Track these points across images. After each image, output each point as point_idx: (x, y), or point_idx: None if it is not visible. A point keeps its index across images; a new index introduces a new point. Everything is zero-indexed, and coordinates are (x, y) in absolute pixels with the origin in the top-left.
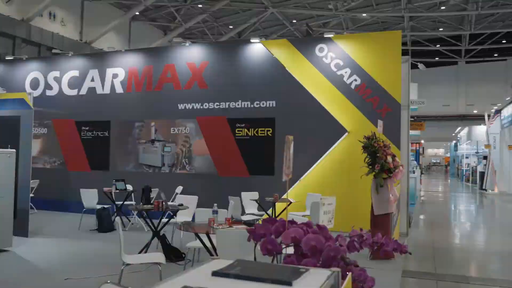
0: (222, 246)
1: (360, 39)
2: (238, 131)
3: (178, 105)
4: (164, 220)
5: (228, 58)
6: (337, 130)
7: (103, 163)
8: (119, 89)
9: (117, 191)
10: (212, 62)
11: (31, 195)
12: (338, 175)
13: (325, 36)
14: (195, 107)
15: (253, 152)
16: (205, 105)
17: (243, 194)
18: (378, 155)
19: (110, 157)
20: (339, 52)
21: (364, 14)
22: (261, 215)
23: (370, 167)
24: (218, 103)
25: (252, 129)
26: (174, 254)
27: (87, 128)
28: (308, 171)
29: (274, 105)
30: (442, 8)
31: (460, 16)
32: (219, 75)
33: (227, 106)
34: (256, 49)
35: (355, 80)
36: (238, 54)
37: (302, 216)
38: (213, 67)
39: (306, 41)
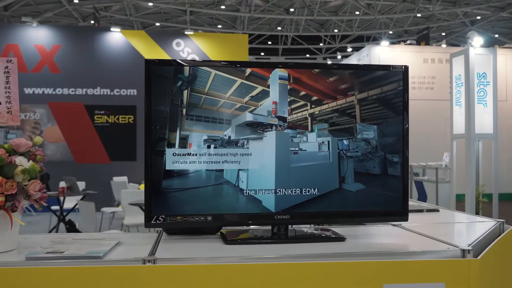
0: None
1: (213, 38)
2: (97, 117)
3: (24, 89)
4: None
5: (84, 44)
6: None
7: None
8: None
9: None
10: (66, 46)
11: None
12: None
13: (185, 32)
14: (46, 92)
15: (114, 139)
16: (58, 90)
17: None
18: None
19: None
20: (194, 48)
21: (150, 4)
22: None
23: None
24: (73, 89)
25: (113, 116)
26: None
27: None
28: None
29: (135, 93)
30: (222, 7)
31: (234, 16)
32: (74, 61)
33: (84, 93)
34: (115, 37)
35: None
36: (95, 40)
37: None
38: (67, 52)
39: (163, 34)
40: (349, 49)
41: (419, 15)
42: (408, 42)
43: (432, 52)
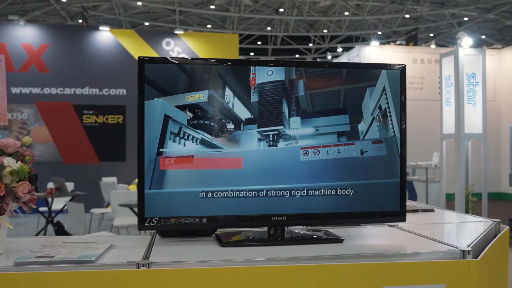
0: None
1: (203, 37)
2: (86, 117)
3: (11, 88)
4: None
5: (73, 43)
6: None
7: None
8: None
9: None
10: (54, 45)
11: None
12: None
13: (175, 32)
14: (33, 92)
15: (103, 139)
16: (46, 90)
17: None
18: None
19: None
20: (184, 47)
21: (139, 3)
22: None
23: None
24: (62, 89)
25: (102, 116)
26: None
27: None
28: None
29: (124, 93)
30: (211, 7)
31: (224, 16)
32: (62, 60)
33: (72, 92)
34: (104, 37)
35: None
36: (84, 40)
37: None
38: (55, 51)
39: (152, 34)
40: (339, 49)
41: (407, 16)
42: (398, 42)
43: (421, 53)
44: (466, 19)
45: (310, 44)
